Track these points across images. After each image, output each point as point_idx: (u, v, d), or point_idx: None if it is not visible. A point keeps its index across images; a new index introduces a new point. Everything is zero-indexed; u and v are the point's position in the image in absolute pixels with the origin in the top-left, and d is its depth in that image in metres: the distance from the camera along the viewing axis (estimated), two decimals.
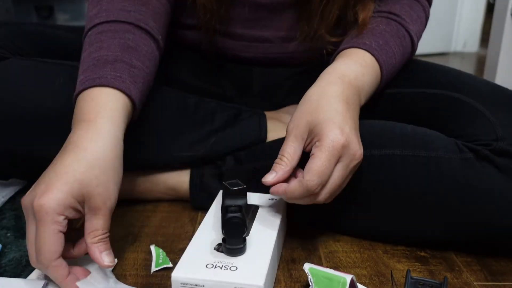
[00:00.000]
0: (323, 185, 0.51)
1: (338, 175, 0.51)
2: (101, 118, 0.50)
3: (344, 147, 0.51)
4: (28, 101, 0.61)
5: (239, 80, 0.80)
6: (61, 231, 0.46)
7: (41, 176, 0.48)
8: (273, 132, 0.72)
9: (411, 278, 0.53)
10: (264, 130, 0.71)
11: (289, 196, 0.52)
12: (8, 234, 0.62)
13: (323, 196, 0.51)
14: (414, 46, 0.68)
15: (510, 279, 0.55)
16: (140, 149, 0.66)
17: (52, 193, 0.45)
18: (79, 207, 0.47)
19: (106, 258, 0.48)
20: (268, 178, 0.53)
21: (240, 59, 0.77)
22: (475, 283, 0.54)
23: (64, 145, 0.50)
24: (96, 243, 0.48)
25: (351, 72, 0.59)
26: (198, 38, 0.77)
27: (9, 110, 0.61)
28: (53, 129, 0.62)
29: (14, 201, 0.71)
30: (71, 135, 0.50)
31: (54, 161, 0.48)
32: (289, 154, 0.52)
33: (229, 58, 0.78)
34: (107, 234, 0.49)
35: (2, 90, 0.61)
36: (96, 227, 0.48)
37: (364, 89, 0.59)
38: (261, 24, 0.74)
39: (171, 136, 0.68)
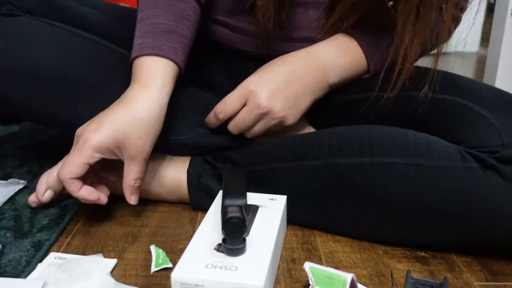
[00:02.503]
0: (226, 114, 0.64)
1: (242, 115, 0.64)
2: (155, 86, 0.59)
3: (251, 93, 0.62)
4: (34, 59, 0.63)
5: (237, 74, 0.80)
6: (87, 163, 0.57)
7: (97, 115, 0.59)
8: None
9: (411, 278, 0.53)
10: None
11: (206, 121, 0.67)
12: (8, 234, 0.62)
13: (229, 126, 0.65)
14: None
15: (510, 279, 0.55)
16: None
17: (99, 133, 0.56)
18: (117, 152, 0.59)
19: (133, 198, 0.62)
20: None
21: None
22: (475, 283, 0.54)
23: (121, 97, 0.60)
24: (131, 186, 0.61)
25: (323, 51, 0.68)
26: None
27: (16, 64, 0.63)
28: (54, 90, 0.65)
29: (14, 201, 0.71)
30: (128, 90, 0.60)
31: (111, 106, 0.59)
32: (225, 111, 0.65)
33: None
34: (140, 180, 0.61)
35: (11, 45, 0.63)
36: (132, 172, 0.60)
37: (334, 68, 0.67)
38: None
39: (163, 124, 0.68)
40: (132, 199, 0.62)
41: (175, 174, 0.69)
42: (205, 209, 0.67)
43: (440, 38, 0.61)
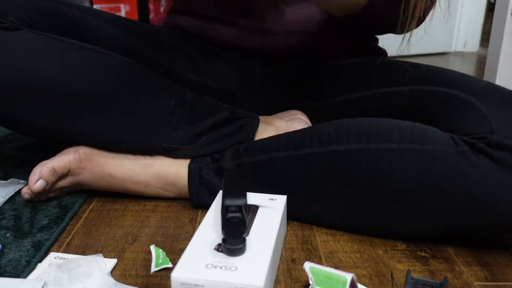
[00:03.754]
0: None
1: None
2: None
3: None
4: (39, 74, 0.63)
5: (242, 75, 0.81)
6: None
7: None
8: (261, 134, 0.73)
9: (411, 278, 0.53)
10: (254, 131, 0.73)
11: None
12: (8, 234, 0.62)
13: None
14: None
15: (510, 279, 0.55)
16: (132, 136, 0.68)
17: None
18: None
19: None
20: None
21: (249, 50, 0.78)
22: (475, 283, 0.54)
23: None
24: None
25: None
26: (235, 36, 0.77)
27: (21, 81, 0.63)
28: (62, 104, 0.65)
29: (14, 201, 0.71)
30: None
31: None
32: None
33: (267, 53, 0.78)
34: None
35: (14, 61, 0.63)
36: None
37: None
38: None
39: (164, 128, 0.68)
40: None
41: (176, 168, 0.69)
42: (204, 204, 0.68)
43: None
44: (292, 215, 0.65)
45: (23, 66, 0.63)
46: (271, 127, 0.75)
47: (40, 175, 0.67)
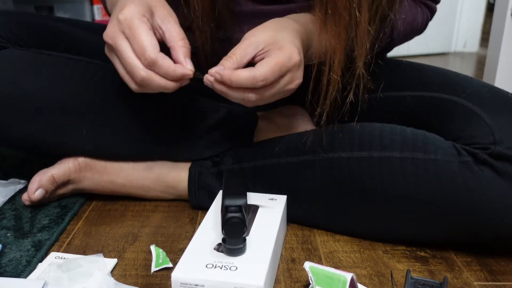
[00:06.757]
0: (267, 84, 0.52)
1: (278, 87, 0.54)
2: None
3: (295, 66, 0.53)
4: (22, 89, 0.62)
5: None
6: (150, 29, 0.53)
7: (115, 8, 0.55)
8: (262, 132, 0.72)
9: (411, 278, 0.53)
10: (253, 131, 0.72)
11: (233, 79, 0.52)
12: (8, 234, 0.62)
13: (262, 95, 0.53)
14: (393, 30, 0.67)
15: (510, 279, 0.55)
16: (129, 144, 0.67)
17: (129, 7, 0.52)
18: (149, 17, 0.54)
19: (189, 63, 0.54)
20: (213, 69, 0.53)
21: None
22: (475, 283, 0.54)
23: None
24: (183, 46, 0.54)
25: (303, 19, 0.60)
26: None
27: (4, 95, 0.62)
28: (55, 119, 0.64)
29: (14, 201, 0.71)
30: None
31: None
32: (240, 56, 0.53)
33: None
34: (187, 42, 0.55)
35: (3, 79, 0.62)
36: (177, 33, 0.54)
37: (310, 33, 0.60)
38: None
39: (162, 134, 0.68)
40: (188, 63, 0.54)
41: (176, 172, 0.69)
42: (203, 207, 0.68)
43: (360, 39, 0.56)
44: (293, 219, 0.65)
45: (12, 83, 0.62)
46: (271, 125, 0.74)
47: (40, 184, 0.66)
